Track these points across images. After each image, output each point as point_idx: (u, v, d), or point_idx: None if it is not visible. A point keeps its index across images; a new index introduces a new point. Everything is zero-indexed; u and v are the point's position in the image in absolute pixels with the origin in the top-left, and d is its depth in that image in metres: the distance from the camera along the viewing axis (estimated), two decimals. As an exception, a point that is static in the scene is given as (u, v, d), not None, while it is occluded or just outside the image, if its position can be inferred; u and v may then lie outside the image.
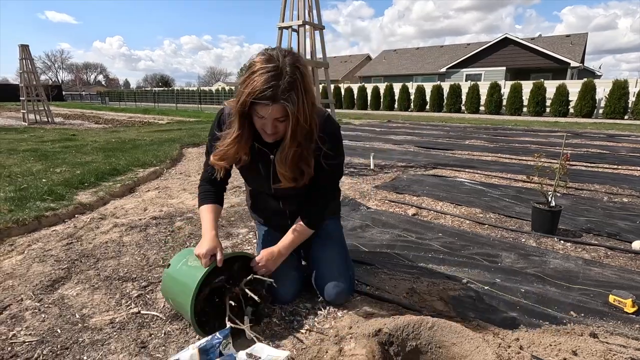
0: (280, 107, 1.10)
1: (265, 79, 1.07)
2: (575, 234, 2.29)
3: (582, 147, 6.13)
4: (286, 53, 1.13)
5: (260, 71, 1.08)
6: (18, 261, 1.88)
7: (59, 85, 44.90)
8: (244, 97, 1.10)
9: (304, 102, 1.12)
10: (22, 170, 3.90)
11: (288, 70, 1.09)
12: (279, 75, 1.08)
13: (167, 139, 6.70)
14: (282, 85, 1.08)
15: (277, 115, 1.13)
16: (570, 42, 21.90)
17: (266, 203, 1.56)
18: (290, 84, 1.08)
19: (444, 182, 3.63)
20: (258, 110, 1.12)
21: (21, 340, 1.27)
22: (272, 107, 1.10)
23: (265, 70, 1.08)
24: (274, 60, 1.09)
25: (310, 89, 1.16)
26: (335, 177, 1.44)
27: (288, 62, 1.10)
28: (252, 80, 1.08)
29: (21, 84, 11.04)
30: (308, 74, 1.16)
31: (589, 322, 1.39)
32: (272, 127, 1.17)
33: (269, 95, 1.07)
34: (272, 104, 1.09)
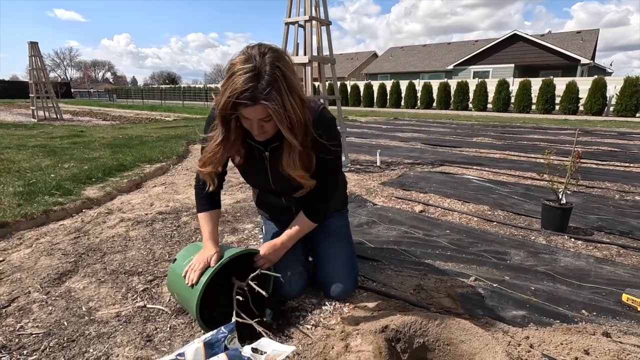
0: (262, 108, 1.06)
1: (243, 80, 1.03)
2: (586, 232, 2.24)
3: (593, 144, 6.03)
4: (266, 50, 1.08)
5: (238, 72, 1.05)
6: (26, 254, 1.90)
7: (67, 82, 45.41)
8: (225, 99, 1.07)
9: (289, 100, 1.08)
10: (31, 165, 3.94)
11: (267, 70, 1.05)
12: (257, 75, 1.04)
13: (174, 135, 6.73)
14: (260, 85, 1.04)
15: (260, 116, 1.10)
16: (580, 39, 21.55)
17: (269, 200, 1.55)
18: (269, 83, 1.04)
19: (452, 180, 3.59)
20: (241, 112, 1.09)
21: (28, 332, 1.28)
22: (254, 109, 1.07)
23: (243, 71, 1.04)
24: (252, 60, 1.05)
25: (295, 85, 1.11)
26: (335, 168, 1.41)
27: (268, 60, 1.06)
28: (232, 81, 1.05)
29: (31, 81, 11.17)
30: (290, 71, 1.10)
31: (602, 321, 1.36)
32: (258, 128, 1.14)
33: (248, 96, 1.04)
34: (252, 104, 1.05)
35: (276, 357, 1.02)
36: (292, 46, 3.92)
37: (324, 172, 1.34)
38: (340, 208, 1.65)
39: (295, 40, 3.87)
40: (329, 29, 3.88)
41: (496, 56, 22.13)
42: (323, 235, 1.53)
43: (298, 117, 1.12)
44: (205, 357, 1.00)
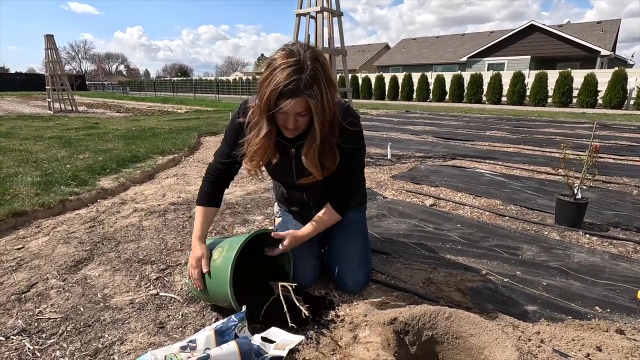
0: (303, 101, 1.10)
1: (287, 74, 1.07)
2: (602, 227, 2.19)
3: (611, 139, 5.86)
4: (306, 47, 1.13)
5: (282, 66, 1.08)
6: (44, 242, 1.95)
7: (82, 75, 46.15)
8: (268, 93, 1.09)
9: (326, 94, 1.12)
10: (48, 156, 4.04)
11: (309, 64, 1.09)
12: (300, 69, 1.08)
13: (186, 127, 6.80)
14: (304, 78, 1.07)
15: (299, 110, 1.12)
16: (601, 29, 20.82)
17: (291, 195, 1.57)
18: (312, 77, 1.08)
19: (463, 173, 3.54)
20: (281, 106, 1.11)
21: (47, 317, 1.32)
22: (295, 101, 1.09)
23: (287, 64, 1.08)
24: (294, 55, 1.09)
25: (332, 81, 1.15)
26: (359, 164, 1.43)
27: (309, 55, 1.10)
28: (274, 76, 1.08)
29: (47, 73, 11.39)
30: (328, 67, 1.15)
31: (616, 318, 1.33)
32: (294, 122, 1.16)
33: (292, 88, 1.07)
34: (294, 98, 1.08)
35: (285, 346, 1.04)
36: (303, 38, 3.90)
37: (349, 167, 1.35)
38: (359, 204, 1.67)
39: (306, 32, 3.84)
40: (341, 20, 3.84)
41: (512, 48, 21.57)
42: (340, 228, 1.54)
43: (331, 110, 1.16)
44: (216, 345, 1.02)
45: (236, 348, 0.97)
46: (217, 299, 1.29)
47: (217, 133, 6.42)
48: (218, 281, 1.24)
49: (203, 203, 1.41)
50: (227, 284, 1.18)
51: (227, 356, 0.95)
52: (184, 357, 0.97)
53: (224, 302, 1.27)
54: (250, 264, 1.37)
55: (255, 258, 1.40)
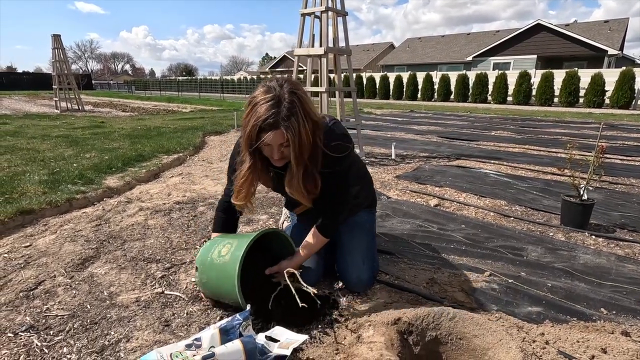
0: (281, 133, 1.16)
1: (265, 108, 1.14)
2: (608, 229, 2.18)
3: (618, 139, 5.80)
4: (283, 82, 1.20)
5: (261, 102, 1.16)
6: (51, 240, 1.98)
7: (88, 74, 46.51)
8: (250, 128, 1.17)
9: (304, 125, 1.17)
10: (55, 155, 4.08)
11: (286, 97, 1.16)
12: (278, 103, 1.15)
13: (191, 126, 6.83)
14: (282, 112, 1.14)
15: (281, 141, 1.18)
16: (608, 28, 20.60)
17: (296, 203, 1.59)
18: (289, 109, 1.14)
19: (468, 174, 3.53)
20: (264, 139, 1.17)
21: (54, 314, 1.34)
22: (274, 134, 1.15)
23: (265, 100, 1.15)
24: (272, 91, 1.17)
25: (310, 111, 1.21)
26: (343, 186, 1.43)
27: (286, 89, 1.17)
28: (255, 111, 1.16)
29: (54, 72, 11.49)
30: (306, 99, 1.20)
31: (621, 320, 1.32)
32: (279, 153, 1.22)
33: (270, 122, 1.14)
34: (274, 130, 1.15)
35: (289, 345, 1.04)
36: (308, 37, 3.91)
37: (334, 186, 1.37)
38: (368, 206, 1.69)
39: (311, 31, 3.85)
40: (345, 20, 3.84)
41: (518, 47, 21.41)
42: (348, 227, 1.57)
43: (309, 139, 1.21)
44: (221, 343, 1.03)
45: (241, 346, 0.97)
46: (224, 295, 1.31)
47: (222, 132, 6.45)
48: (225, 277, 1.25)
49: (218, 231, 1.54)
50: (234, 278, 1.21)
51: (232, 354, 0.96)
52: (189, 355, 0.98)
53: (230, 300, 1.28)
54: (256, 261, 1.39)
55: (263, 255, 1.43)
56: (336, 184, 1.38)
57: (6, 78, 35.66)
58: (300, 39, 3.88)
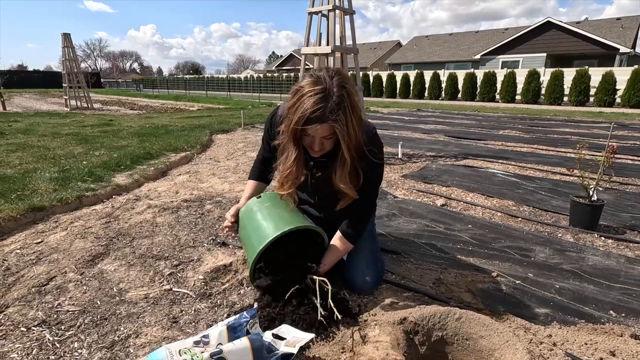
0: (328, 127, 1.15)
1: (314, 101, 1.12)
2: (618, 230, 2.15)
3: (629, 139, 5.71)
4: (333, 74, 1.18)
5: (308, 94, 1.14)
6: (62, 237, 2.01)
7: (97, 72, 47.00)
8: (295, 120, 1.16)
9: (352, 120, 1.17)
10: (65, 152, 4.14)
11: (335, 91, 1.14)
12: (326, 97, 1.13)
13: (198, 125, 6.87)
14: (330, 106, 1.13)
15: (325, 134, 1.18)
16: (620, 26, 20.23)
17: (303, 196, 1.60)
18: (337, 104, 1.13)
19: (475, 173, 3.51)
20: (307, 130, 1.18)
21: (65, 309, 1.37)
22: (321, 127, 1.15)
23: (314, 92, 1.13)
24: (321, 82, 1.15)
25: (357, 107, 1.20)
26: (377, 188, 1.46)
27: (335, 83, 1.15)
28: (302, 103, 1.14)
29: (63, 71, 11.64)
30: (354, 93, 1.20)
31: (630, 322, 1.31)
32: (319, 144, 1.22)
33: (318, 115, 1.13)
34: (321, 123, 1.14)
35: (296, 343, 1.05)
36: (315, 36, 3.90)
37: (367, 188, 1.38)
38: None
39: (318, 30, 3.84)
40: (353, 18, 3.82)
41: (527, 45, 21.13)
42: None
43: (356, 135, 1.21)
44: (228, 340, 1.04)
45: (248, 344, 0.98)
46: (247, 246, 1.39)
47: (229, 131, 6.48)
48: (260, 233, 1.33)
49: (252, 177, 1.64)
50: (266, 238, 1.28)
51: (239, 352, 0.97)
52: (198, 351, 0.99)
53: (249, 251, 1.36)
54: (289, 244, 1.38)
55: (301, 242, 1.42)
56: (368, 188, 1.38)
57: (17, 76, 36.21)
58: (307, 38, 3.88)
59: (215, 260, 1.74)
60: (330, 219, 1.52)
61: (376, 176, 1.40)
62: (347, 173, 1.27)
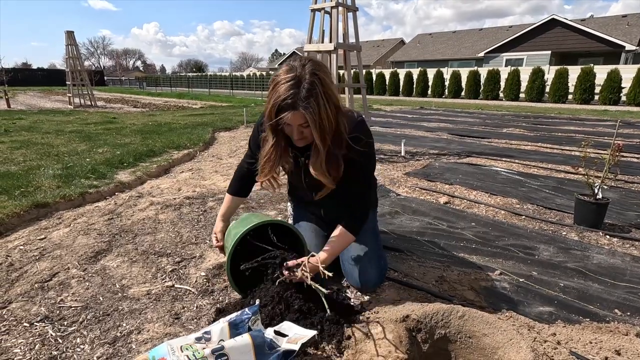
0: (300, 115, 1.15)
1: (285, 89, 1.14)
2: (623, 229, 2.13)
3: (635, 137, 5.66)
4: (306, 62, 1.19)
5: (282, 82, 1.15)
6: (65, 233, 2.02)
7: (101, 70, 47.19)
8: (270, 106, 1.18)
9: (325, 107, 1.16)
10: (69, 149, 4.16)
11: (307, 78, 1.15)
12: (297, 83, 1.14)
13: (201, 122, 6.88)
14: (301, 92, 1.13)
15: (300, 122, 1.18)
16: (626, 23, 20.03)
17: (301, 193, 1.60)
18: (308, 91, 1.14)
19: (479, 171, 3.49)
20: (283, 119, 1.18)
21: (68, 305, 1.37)
22: (292, 114, 1.15)
23: (286, 80, 1.15)
24: (293, 70, 1.16)
25: (332, 94, 1.20)
26: (367, 177, 1.44)
27: (307, 70, 1.16)
28: (275, 90, 1.16)
29: (67, 69, 11.68)
30: (328, 81, 1.19)
31: (636, 321, 1.30)
32: (298, 133, 1.23)
33: (289, 103, 1.14)
34: (292, 111, 1.15)
35: (298, 340, 1.05)
36: (318, 33, 3.89)
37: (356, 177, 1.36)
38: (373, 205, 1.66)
39: (321, 27, 3.82)
40: (356, 15, 3.81)
41: (531, 43, 20.97)
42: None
43: (330, 122, 1.20)
44: (230, 337, 1.03)
45: (250, 341, 0.98)
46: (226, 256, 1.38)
47: (232, 128, 6.48)
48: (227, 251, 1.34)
49: (230, 192, 1.60)
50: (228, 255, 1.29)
51: (241, 348, 0.96)
52: (199, 347, 0.99)
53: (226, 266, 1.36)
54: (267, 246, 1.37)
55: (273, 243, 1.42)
56: (358, 176, 1.37)
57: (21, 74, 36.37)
58: (310, 35, 3.87)
59: (218, 257, 1.74)
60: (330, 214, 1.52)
61: (364, 164, 1.36)
62: (321, 161, 1.26)
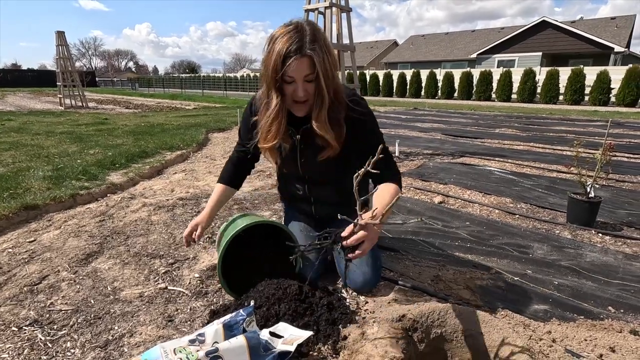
0: (308, 60, 1.13)
1: (288, 38, 1.12)
2: (615, 227, 2.15)
3: (624, 137, 5.74)
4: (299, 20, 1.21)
5: (281, 35, 1.14)
6: (55, 235, 1.98)
7: (92, 71, 46.69)
8: (273, 60, 1.13)
9: (327, 57, 1.16)
10: (59, 151, 4.09)
11: (307, 28, 1.15)
12: (300, 32, 1.14)
13: (194, 123, 6.83)
14: (306, 38, 1.13)
15: (306, 72, 1.15)
16: (615, 25, 20.38)
17: (293, 187, 1.57)
18: (312, 36, 1.14)
19: (473, 171, 3.51)
20: (288, 72, 1.14)
21: (58, 309, 1.34)
22: (300, 61, 1.12)
23: (287, 31, 1.14)
24: (292, 23, 1.17)
25: (331, 48, 1.20)
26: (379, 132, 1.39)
27: (304, 22, 1.18)
28: (277, 44, 1.13)
29: (58, 70, 11.53)
30: (325, 35, 1.21)
31: (629, 318, 1.31)
32: (303, 90, 1.19)
33: (296, 48, 1.11)
34: (300, 55, 1.12)
35: (293, 341, 1.03)
36: (312, 34, 3.88)
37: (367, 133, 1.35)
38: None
39: (314, 28, 3.82)
40: (349, 16, 3.81)
41: (523, 44, 21.23)
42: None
43: (333, 75, 1.20)
44: (225, 338, 1.02)
45: (244, 342, 0.97)
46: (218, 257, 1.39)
47: (225, 129, 6.44)
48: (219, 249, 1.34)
49: (220, 181, 1.55)
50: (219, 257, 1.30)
51: (236, 350, 0.95)
52: (193, 350, 0.97)
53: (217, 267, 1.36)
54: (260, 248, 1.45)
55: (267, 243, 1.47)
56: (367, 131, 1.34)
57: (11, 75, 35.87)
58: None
59: (212, 259, 1.71)
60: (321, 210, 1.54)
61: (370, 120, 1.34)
62: (325, 114, 1.22)
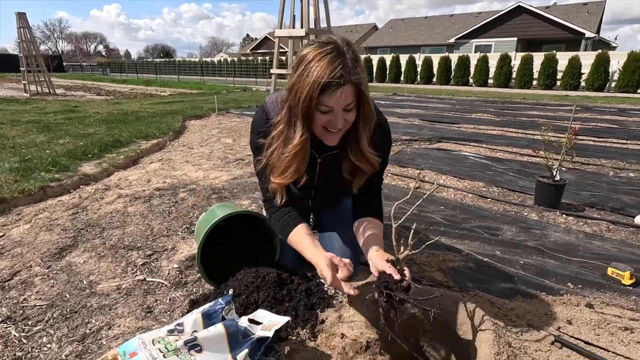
0: (351, 88, 0.98)
1: (329, 60, 0.94)
2: (578, 208, 2.28)
3: (591, 121, 6.00)
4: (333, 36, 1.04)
5: (318, 56, 0.95)
6: (25, 230, 1.92)
7: (59, 55, 44.15)
8: (308, 88, 0.95)
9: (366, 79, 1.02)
10: (26, 141, 3.91)
11: (346, 49, 0.97)
12: (341, 54, 0.96)
13: (170, 111, 6.64)
14: (348, 62, 0.96)
15: (348, 101, 0.99)
16: (586, 11, 20.94)
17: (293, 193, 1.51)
18: (354, 60, 0.97)
19: (448, 156, 3.60)
20: (325, 102, 0.98)
21: (32, 304, 1.32)
22: (343, 90, 0.96)
23: (325, 52, 0.96)
24: (329, 43, 0.98)
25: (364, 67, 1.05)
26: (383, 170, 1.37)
27: (340, 40, 1.00)
28: (311, 68, 0.95)
29: (20, 54, 10.86)
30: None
31: (586, 293, 1.41)
32: (342, 120, 1.02)
33: (339, 74, 0.94)
34: (342, 86, 0.95)
35: (271, 326, 1.06)
36: (289, 18, 3.81)
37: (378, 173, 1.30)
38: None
39: (291, 12, 3.75)
40: (327, 0, 3.75)
41: (499, 29, 21.56)
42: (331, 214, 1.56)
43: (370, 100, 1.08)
44: (204, 327, 1.03)
45: (223, 330, 0.99)
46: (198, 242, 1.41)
47: (202, 116, 6.30)
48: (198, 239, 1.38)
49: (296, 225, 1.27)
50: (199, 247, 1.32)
51: (214, 338, 0.97)
52: (172, 340, 0.98)
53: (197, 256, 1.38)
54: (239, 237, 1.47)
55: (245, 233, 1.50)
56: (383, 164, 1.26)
57: (-32, 59, 33.51)
58: (281, 20, 3.79)
59: (190, 249, 1.71)
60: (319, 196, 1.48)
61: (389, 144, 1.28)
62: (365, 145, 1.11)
